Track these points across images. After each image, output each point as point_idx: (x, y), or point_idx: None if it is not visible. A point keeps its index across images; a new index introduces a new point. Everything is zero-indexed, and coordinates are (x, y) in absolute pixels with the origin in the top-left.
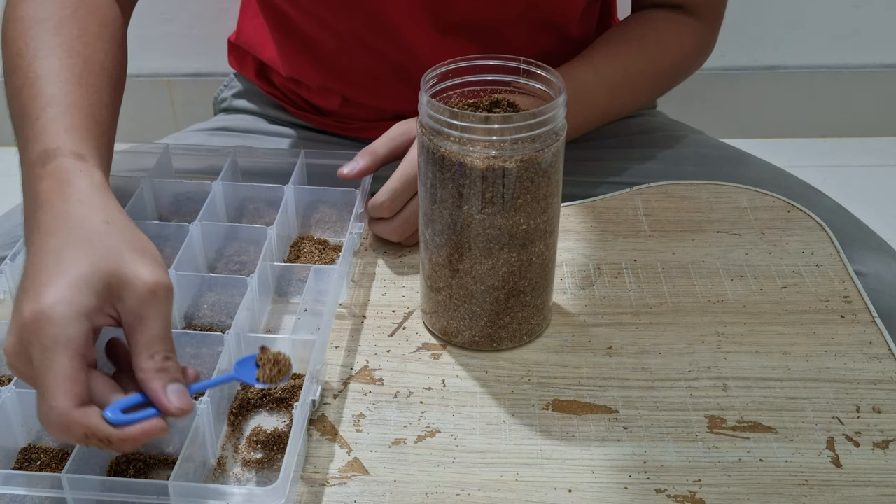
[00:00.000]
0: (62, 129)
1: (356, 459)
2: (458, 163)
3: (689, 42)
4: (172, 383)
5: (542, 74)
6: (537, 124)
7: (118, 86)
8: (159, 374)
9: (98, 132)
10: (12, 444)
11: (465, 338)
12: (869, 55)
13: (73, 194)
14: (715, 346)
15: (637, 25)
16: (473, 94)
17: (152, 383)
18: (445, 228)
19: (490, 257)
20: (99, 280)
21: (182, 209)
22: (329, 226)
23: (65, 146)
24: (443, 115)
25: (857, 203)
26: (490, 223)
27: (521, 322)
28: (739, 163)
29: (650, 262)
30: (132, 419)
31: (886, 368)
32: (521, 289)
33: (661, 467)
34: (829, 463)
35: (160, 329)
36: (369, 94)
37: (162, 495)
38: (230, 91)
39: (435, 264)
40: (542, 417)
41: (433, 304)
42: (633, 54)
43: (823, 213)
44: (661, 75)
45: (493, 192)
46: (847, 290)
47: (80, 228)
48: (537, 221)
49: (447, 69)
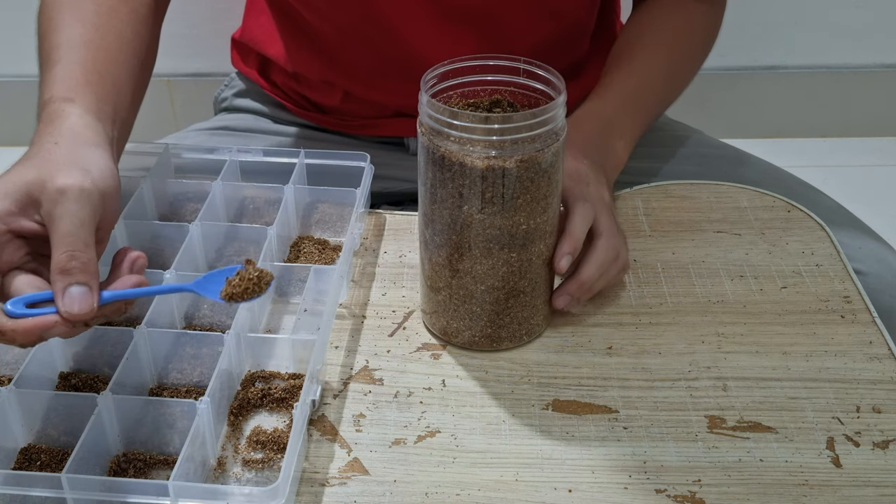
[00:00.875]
0: (58, 81)
1: (356, 459)
2: (458, 163)
3: (703, 23)
4: (76, 285)
5: (543, 74)
6: (537, 124)
7: (133, 45)
8: (61, 274)
9: (98, 80)
10: (12, 444)
11: (465, 338)
12: (869, 55)
13: (47, 129)
14: (715, 346)
15: (652, 18)
16: (474, 93)
17: (54, 283)
18: (445, 228)
19: (490, 257)
20: (18, 189)
21: (182, 209)
22: (329, 226)
23: (56, 94)
24: (443, 115)
25: (857, 203)
26: (490, 223)
27: (520, 322)
28: (739, 163)
29: (650, 262)
30: (31, 314)
31: (886, 368)
32: (520, 289)
33: (661, 467)
34: (829, 463)
35: (68, 228)
36: (371, 89)
37: (162, 495)
38: (231, 90)
39: (435, 264)
40: (542, 417)
41: (433, 304)
42: (664, 50)
43: (823, 213)
44: (694, 61)
45: (493, 192)
46: (847, 290)
47: (32, 151)
48: (537, 221)
49: (447, 69)
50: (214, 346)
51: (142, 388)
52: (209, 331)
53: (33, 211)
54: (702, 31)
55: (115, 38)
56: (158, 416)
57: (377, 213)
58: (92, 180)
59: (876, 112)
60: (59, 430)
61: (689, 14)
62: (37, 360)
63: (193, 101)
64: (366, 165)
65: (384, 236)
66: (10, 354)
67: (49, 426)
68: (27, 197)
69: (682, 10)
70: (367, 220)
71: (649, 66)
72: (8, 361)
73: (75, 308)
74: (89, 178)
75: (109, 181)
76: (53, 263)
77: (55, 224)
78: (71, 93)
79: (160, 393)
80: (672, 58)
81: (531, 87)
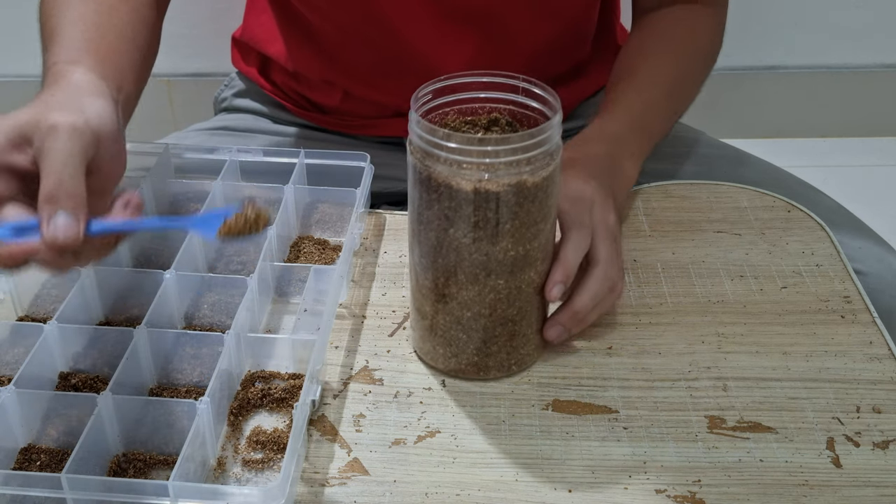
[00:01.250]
0: (63, 49)
1: (356, 459)
2: (444, 184)
3: (707, 30)
4: (62, 213)
5: (540, 93)
6: (526, 148)
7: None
8: (47, 201)
9: (102, 57)
10: (12, 444)
11: (452, 364)
12: (869, 55)
13: (49, 88)
14: (715, 346)
15: (655, 29)
16: (472, 111)
17: (41, 210)
18: (431, 251)
19: (476, 283)
20: (12, 128)
21: (182, 209)
22: (329, 226)
23: (61, 58)
24: (431, 136)
25: (857, 203)
26: (476, 248)
27: (509, 352)
28: (739, 163)
29: (650, 262)
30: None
31: (886, 368)
32: (509, 317)
33: (661, 467)
34: (829, 463)
35: (56, 158)
36: (371, 89)
37: (162, 495)
38: (231, 91)
39: (421, 286)
40: (542, 417)
41: (420, 327)
42: (670, 62)
43: (823, 213)
44: (701, 69)
45: (479, 216)
46: (847, 290)
47: (32, 101)
48: (526, 248)
49: (441, 86)
50: (214, 346)
51: (142, 388)
52: (209, 331)
53: (27, 148)
54: (706, 38)
55: (115, 35)
56: (158, 416)
57: (377, 213)
58: (86, 120)
59: (876, 112)
60: (59, 430)
61: (693, 21)
62: (37, 360)
63: (193, 101)
64: (366, 165)
65: (384, 236)
66: (10, 354)
67: (49, 426)
68: (20, 136)
69: (685, 17)
70: (367, 220)
71: (656, 82)
72: (8, 361)
73: (59, 234)
74: (83, 118)
75: (106, 124)
76: (41, 192)
77: (44, 157)
78: (76, 56)
79: (160, 393)
80: (678, 70)
81: (527, 105)
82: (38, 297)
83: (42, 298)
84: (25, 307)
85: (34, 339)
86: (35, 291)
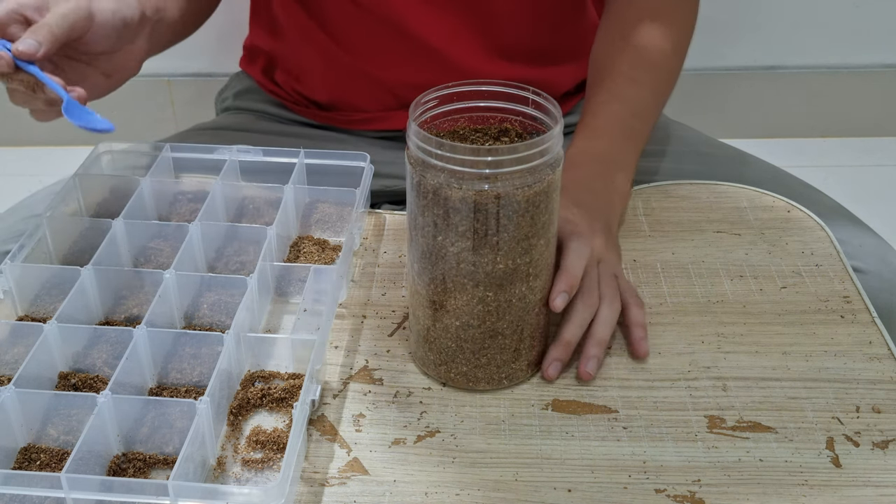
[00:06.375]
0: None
1: (356, 459)
2: (433, 191)
3: (677, 13)
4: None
5: (544, 104)
6: (513, 161)
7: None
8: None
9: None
10: (12, 444)
11: (441, 373)
12: (869, 55)
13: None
14: (715, 346)
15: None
16: (482, 119)
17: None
18: (421, 257)
19: (464, 293)
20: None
21: (182, 209)
22: (329, 226)
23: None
24: (423, 143)
25: (857, 203)
26: (464, 258)
27: (499, 365)
28: (739, 163)
29: (650, 262)
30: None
31: (886, 368)
32: (499, 330)
33: (661, 467)
34: (828, 463)
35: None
36: (367, 63)
37: (161, 495)
38: (231, 90)
39: (415, 292)
40: (542, 417)
41: (415, 332)
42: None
43: (823, 212)
44: (675, 56)
45: (467, 226)
46: (847, 290)
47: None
48: (517, 262)
49: (449, 92)
50: (214, 346)
51: (141, 388)
52: (209, 331)
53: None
54: (676, 23)
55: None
56: (158, 416)
57: (377, 213)
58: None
59: (876, 112)
60: (59, 430)
61: (659, 7)
62: (37, 360)
63: (193, 101)
64: (365, 165)
65: (384, 236)
66: (9, 354)
67: (49, 426)
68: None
69: (650, 3)
70: (366, 219)
71: (633, 83)
72: (8, 361)
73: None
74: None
75: (103, 12)
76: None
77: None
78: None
79: (160, 393)
80: (654, 65)
81: (526, 114)
82: (38, 296)
83: (42, 298)
84: (25, 307)
85: (34, 338)
86: (35, 291)
